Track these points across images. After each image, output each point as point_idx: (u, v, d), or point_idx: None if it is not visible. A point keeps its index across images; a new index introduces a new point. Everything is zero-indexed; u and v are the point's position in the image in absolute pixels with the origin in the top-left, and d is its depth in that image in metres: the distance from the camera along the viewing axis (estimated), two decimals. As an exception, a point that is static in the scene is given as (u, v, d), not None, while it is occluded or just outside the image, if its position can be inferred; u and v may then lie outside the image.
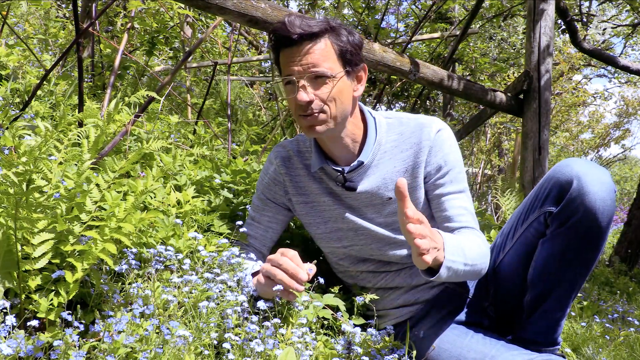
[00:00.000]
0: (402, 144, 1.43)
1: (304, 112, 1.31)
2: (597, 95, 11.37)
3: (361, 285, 1.57)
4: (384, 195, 1.43)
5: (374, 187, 1.43)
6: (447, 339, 1.41)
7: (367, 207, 1.45)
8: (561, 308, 1.37)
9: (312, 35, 1.28)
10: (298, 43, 1.28)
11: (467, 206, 1.43)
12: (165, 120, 2.93)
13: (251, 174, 2.00)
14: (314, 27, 1.28)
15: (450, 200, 1.41)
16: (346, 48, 1.31)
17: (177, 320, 1.15)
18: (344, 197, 1.46)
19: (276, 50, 1.34)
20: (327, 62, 1.29)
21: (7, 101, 2.34)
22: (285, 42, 1.29)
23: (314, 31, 1.28)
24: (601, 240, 1.27)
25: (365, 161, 1.41)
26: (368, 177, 1.43)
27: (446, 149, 1.41)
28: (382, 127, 1.44)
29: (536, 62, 3.34)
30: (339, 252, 1.54)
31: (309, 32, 1.27)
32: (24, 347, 0.96)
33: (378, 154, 1.42)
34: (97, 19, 2.14)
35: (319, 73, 1.28)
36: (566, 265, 1.31)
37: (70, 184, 1.23)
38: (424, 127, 1.42)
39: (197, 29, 4.14)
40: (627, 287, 3.11)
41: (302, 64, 1.28)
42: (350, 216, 1.46)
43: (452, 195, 1.42)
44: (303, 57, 1.28)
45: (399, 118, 1.46)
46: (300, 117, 1.33)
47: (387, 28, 4.67)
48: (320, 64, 1.28)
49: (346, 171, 1.41)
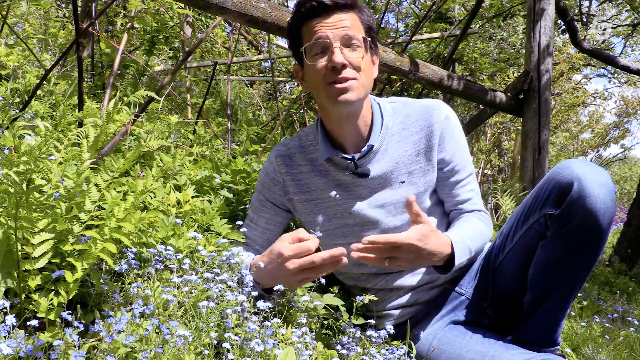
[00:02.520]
0: (410, 127, 1.45)
1: (337, 76, 1.32)
2: (596, 95, 11.37)
3: (361, 287, 1.57)
4: (397, 179, 1.45)
5: (387, 172, 1.44)
6: (446, 340, 1.41)
7: (379, 193, 1.45)
8: (561, 309, 1.37)
9: (344, 6, 1.33)
10: (331, 12, 1.32)
11: (474, 188, 1.53)
12: (165, 120, 2.93)
13: (251, 173, 2.00)
14: (348, 0, 1.34)
15: (464, 186, 1.50)
16: (370, 25, 1.38)
17: (177, 320, 1.15)
18: (355, 187, 1.46)
19: (299, 23, 1.37)
20: (358, 31, 1.35)
21: (7, 101, 2.34)
22: (315, 12, 1.33)
23: (348, 3, 1.33)
24: (602, 242, 1.27)
25: (375, 145, 1.42)
26: (379, 162, 1.44)
27: (457, 134, 1.47)
28: (388, 111, 1.46)
29: (536, 62, 3.34)
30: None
31: (344, 3, 1.33)
32: (24, 347, 0.96)
33: (386, 137, 1.44)
34: (97, 19, 2.14)
35: (353, 37, 1.32)
36: (566, 267, 1.31)
37: (70, 184, 1.23)
38: (432, 110, 1.45)
39: (197, 29, 4.14)
40: (627, 287, 3.12)
41: (336, 28, 1.32)
42: (358, 209, 1.46)
43: (464, 181, 1.50)
44: (337, 22, 1.32)
45: (402, 102, 1.49)
46: (329, 86, 1.34)
47: (387, 28, 4.67)
48: (354, 30, 1.34)
49: (357, 158, 1.42)
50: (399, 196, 1.45)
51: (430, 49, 5.44)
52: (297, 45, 1.40)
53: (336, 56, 1.30)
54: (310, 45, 1.34)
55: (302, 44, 1.37)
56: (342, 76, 1.31)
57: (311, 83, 1.40)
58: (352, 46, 1.33)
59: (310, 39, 1.34)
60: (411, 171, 1.44)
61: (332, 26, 1.32)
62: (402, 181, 1.44)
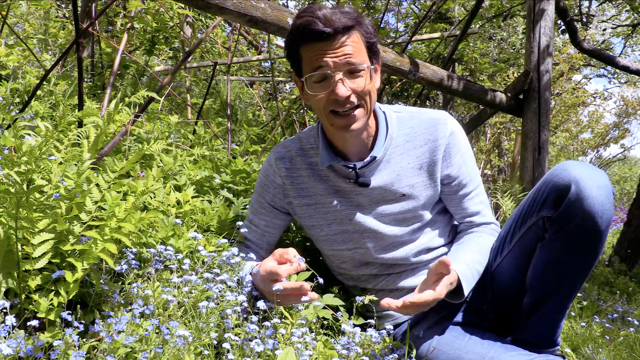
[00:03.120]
0: (414, 139, 1.42)
1: (341, 108, 1.28)
2: (596, 96, 11.37)
3: (362, 287, 1.57)
4: (398, 192, 1.43)
5: (388, 183, 1.42)
6: (445, 341, 1.41)
7: (379, 203, 1.44)
8: (560, 310, 1.37)
9: (345, 29, 1.25)
10: (332, 37, 1.25)
11: (483, 199, 1.52)
12: (165, 120, 2.93)
13: (251, 174, 2.00)
14: (348, 20, 1.25)
15: (472, 198, 1.50)
16: (372, 40, 1.32)
17: (177, 320, 1.15)
18: (354, 195, 1.44)
19: (297, 42, 1.29)
20: (360, 55, 1.28)
21: (7, 101, 2.34)
22: (314, 37, 1.25)
23: (348, 25, 1.25)
24: (600, 243, 1.27)
25: (377, 156, 1.40)
26: (380, 172, 1.42)
27: (463, 148, 1.45)
28: (393, 122, 1.43)
29: (536, 62, 3.34)
30: (343, 255, 1.53)
31: (345, 26, 1.24)
32: (24, 347, 0.96)
33: (390, 148, 1.42)
34: (97, 19, 2.14)
35: (355, 66, 1.26)
36: (565, 269, 1.30)
37: (70, 184, 1.23)
38: (438, 124, 1.42)
39: (197, 29, 4.14)
40: (627, 287, 3.12)
41: (338, 57, 1.25)
42: (357, 216, 1.45)
43: (472, 193, 1.49)
44: (338, 49, 1.25)
45: (409, 112, 1.46)
46: (332, 115, 1.30)
47: (387, 28, 4.67)
48: (356, 57, 1.27)
49: (358, 167, 1.40)
50: (399, 208, 1.44)
51: (430, 49, 5.44)
52: (297, 64, 1.34)
53: (339, 89, 1.25)
54: (310, 75, 1.29)
55: (301, 65, 1.32)
56: (347, 107, 1.28)
57: (313, 106, 1.36)
58: (356, 72, 1.27)
59: (310, 65, 1.28)
60: (412, 184, 1.43)
61: (333, 54, 1.25)
62: (403, 194, 1.43)
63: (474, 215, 1.51)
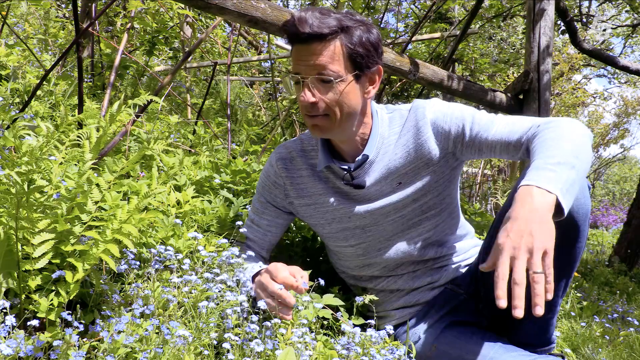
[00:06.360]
0: (404, 134, 1.43)
1: (309, 113, 1.31)
2: (596, 96, 11.38)
3: (362, 287, 1.57)
4: (393, 182, 1.43)
5: (381, 178, 1.43)
6: (445, 341, 1.41)
7: (378, 198, 1.45)
8: (550, 309, 1.36)
9: (322, 36, 1.23)
10: (308, 42, 1.24)
11: (508, 120, 1.36)
12: (165, 120, 2.93)
13: (251, 174, 2.00)
14: (325, 28, 1.23)
15: (497, 135, 1.34)
16: (357, 51, 1.27)
17: (177, 320, 1.15)
18: (353, 194, 1.46)
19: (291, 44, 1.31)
20: (334, 65, 1.26)
21: (7, 101, 2.34)
22: (293, 38, 1.27)
23: (324, 32, 1.23)
24: (580, 237, 1.28)
25: (370, 155, 1.40)
26: (374, 172, 1.43)
27: (448, 110, 1.39)
28: (385, 122, 1.44)
29: (536, 62, 3.34)
30: (347, 251, 1.53)
31: (318, 33, 1.23)
32: (24, 347, 0.96)
33: (382, 147, 1.43)
34: (97, 19, 2.14)
35: (324, 77, 1.25)
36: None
37: (70, 184, 1.23)
38: (416, 109, 1.41)
39: (196, 29, 4.14)
40: (626, 287, 3.12)
41: (308, 65, 1.26)
42: (357, 214, 1.46)
43: (494, 131, 1.35)
44: (310, 57, 1.25)
45: (399, 110, 1.46)
46: (305, 116, 1.33)
47: (387, 28, 4.67)
48: (327, 67, 1.25)
49: (352, 169, 1.41)
50: (397, 197, 1.45)
51: (430, 49, 5.45)
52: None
53: (304, 94, 1.27)
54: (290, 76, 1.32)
55: None
56: (312, 114, 1.30)
57: None
58: (326, 82, 1.26)
59: (292, 67, 1.31)
60: (406, 172, 1.43)
61: (306, 60, 1.26)
62: (399, 182, 1.44)
63: (514, 141, 1.31)
